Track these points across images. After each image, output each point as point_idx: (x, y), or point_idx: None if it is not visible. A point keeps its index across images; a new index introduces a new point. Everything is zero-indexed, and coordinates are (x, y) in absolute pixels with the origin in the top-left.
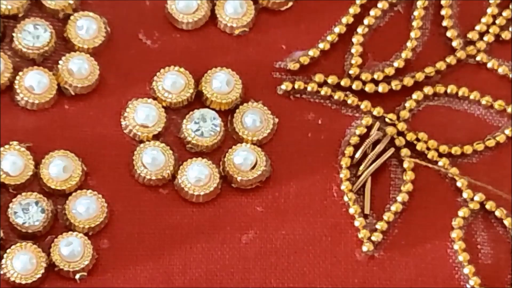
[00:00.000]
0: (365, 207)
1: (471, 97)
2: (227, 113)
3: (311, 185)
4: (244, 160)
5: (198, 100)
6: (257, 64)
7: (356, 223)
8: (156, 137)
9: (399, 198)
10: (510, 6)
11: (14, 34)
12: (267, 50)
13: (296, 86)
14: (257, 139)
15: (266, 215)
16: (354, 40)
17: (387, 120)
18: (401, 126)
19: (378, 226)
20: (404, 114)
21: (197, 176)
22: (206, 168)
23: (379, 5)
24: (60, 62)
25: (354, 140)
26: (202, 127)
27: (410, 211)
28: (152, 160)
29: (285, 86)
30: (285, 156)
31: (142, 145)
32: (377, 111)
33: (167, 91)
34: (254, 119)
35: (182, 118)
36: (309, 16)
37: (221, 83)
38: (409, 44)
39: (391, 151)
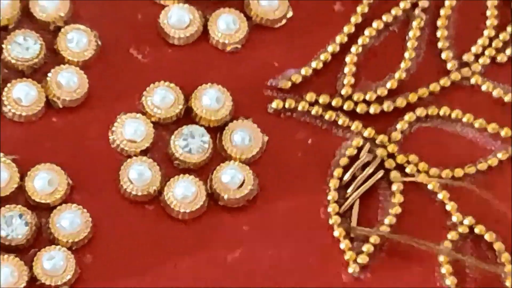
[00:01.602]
0: (352, 219)
1: (464, 119)
2: (216, 130)
3: (298, 205)
4: (232, 178)
5: (188, 116)
6: (249, 81)
7: (342, 246)
8: (143, 152)
9: (386, 221)
10: (507, 29)
11: (3, 45)
12: (259, 68)
13: (286, 105)
14: (246, 157)
15: (252, 235)
16: (347, 59)
17: (377, 142)
18: (392, 148)
19: (364, 248)
20: (396, 135)
21: (184, 193)
22: (193, 186)
23: (374, 24)
24: (49, 74)
25: (344, 161)
26: (190, 143)
27: (397, 233)
28: (138, 175)
29: (276, 104)
30: (273, 175)
31: (128, 160)
32: (368, 132)
33: (156, 107)
34: (243, 137)
35: (170, 134)
36: (303, 34)
37: (211, 100)
38: (402, 64)
39: (381, 173)
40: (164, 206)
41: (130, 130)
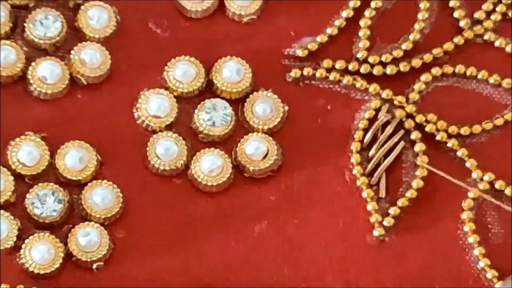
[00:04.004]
0: (380, 190)
1: (479, 76)
2: (237, 102)
3: (323, 171)
4: (256, 150)
5: (209, 89)
6: (266, 52)
7: (368, 207)
8: (168, 127)
9: (414, 184)
10: None
11: (25, 24)
12: (275, 37)
13: (305, 73)
14: (268, 127)
15: (278, 204)
16: (361, 23)
17: (395, 103)
18: (410, 108)
19: (391, 211)
20: (413, 96)
21: (210, 167)
22: (219, 159)
23: None
24: (72, 52)
25: (363, 124)
26: (213, 116)
27: (421, 194)
28: (165, 150)
29: (294, 73)
30: (296, 143)
31: (155, 135)
32: (386, 93)
33: (178, 81)
34: (265, 108)
35: (193, 108)
36: (316, 1)
37: (231, 72)
38: (416, 26)
39: (401, 133)
40: (191, 179)
41: (154, 106)
